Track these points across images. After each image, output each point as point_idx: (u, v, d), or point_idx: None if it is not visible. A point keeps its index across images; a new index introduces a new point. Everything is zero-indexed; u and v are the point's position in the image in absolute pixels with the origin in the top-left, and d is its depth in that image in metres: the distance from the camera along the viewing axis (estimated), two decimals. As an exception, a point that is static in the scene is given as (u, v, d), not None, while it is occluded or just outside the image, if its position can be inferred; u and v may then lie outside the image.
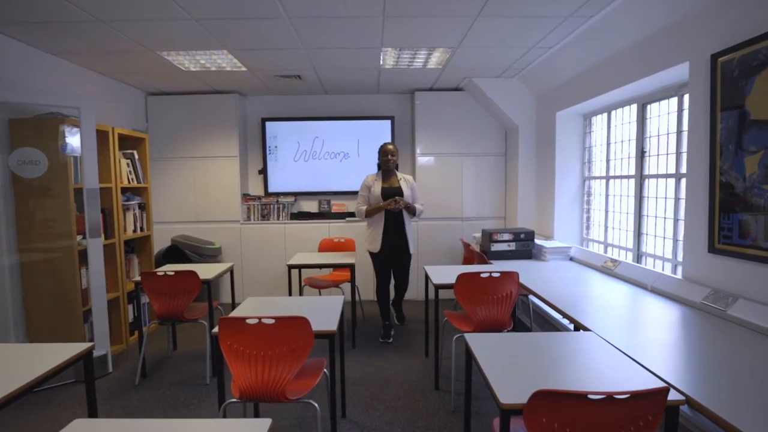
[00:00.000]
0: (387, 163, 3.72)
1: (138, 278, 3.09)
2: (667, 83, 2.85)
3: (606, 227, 3.70)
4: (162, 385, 3.04)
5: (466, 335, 1.85)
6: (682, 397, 1.34)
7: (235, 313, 2.22)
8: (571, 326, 3.04)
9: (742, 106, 2.04)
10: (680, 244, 2.83)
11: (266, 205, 4.98)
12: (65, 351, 1.72)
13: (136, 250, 4.07)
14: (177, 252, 4.50)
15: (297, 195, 5.10)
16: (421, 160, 4.91)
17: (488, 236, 3.65)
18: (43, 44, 3.25)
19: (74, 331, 3.19)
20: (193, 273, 2.99)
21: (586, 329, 1.99)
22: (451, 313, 2.99)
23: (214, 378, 3.10)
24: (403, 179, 3.77)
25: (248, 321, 1.84)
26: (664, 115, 3.02)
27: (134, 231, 3.95)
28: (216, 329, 1.95)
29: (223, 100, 4.85)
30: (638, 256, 3.25)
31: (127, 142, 3.92)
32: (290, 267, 3.57)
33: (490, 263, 3.47)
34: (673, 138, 2.88)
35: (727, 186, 2.14)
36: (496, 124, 4.90)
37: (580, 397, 1.25)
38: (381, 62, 3.90)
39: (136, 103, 4.68)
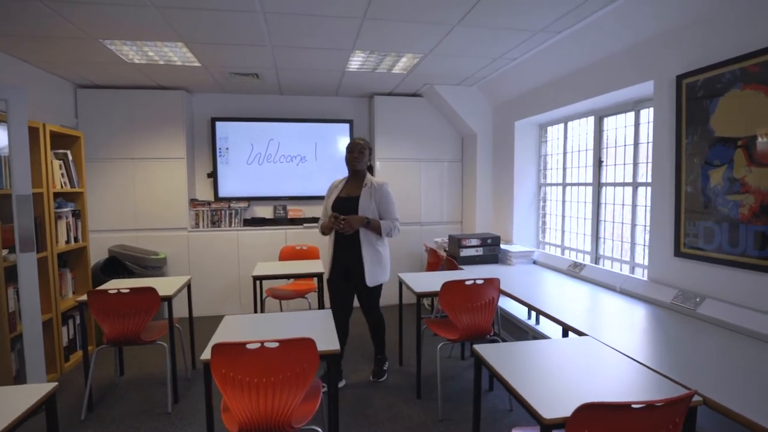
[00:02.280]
0: (349, 162, 3.01)
1: (84, 297, 2.70)
2: (625, 98, 3.08)
3: (563, 231, 3.92)
4: (114, 417, 2.68)
5: (478, 346, 1.83)
6: (699, 399, 1.42)
7: (222, 336, 2.02)
8: (540, 329, 3.17)
9: (706, 124, 2.25)
10: (638, 247, 3.07)
11: (217, 210, 4.64)
12: (21, 396, 1.44)
13: (69, 264, 3.57)
14: (117, 264, 4.03)
15: (250, 200, 4.81)
16: (381, 164, 4.86)
17: (457, 242, 3.70)
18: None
19: (-1, 362, 2.72)
20: (151, 290, 2.68)
21: (581, 334, 2.07)
22: (431, 320, 2.98)
23: (176, 405, 2.81)
24: (370, 186, 2.97)
25: (248, 346, 1.66)
26: (620, 128, 3.25)
27: (67, 242, 3.47)
28: (204, 356, 1.75)
29: (167, 97, 4.44)
30: (596, 259, 3.47)
31: (58, 141, 3.44)
32: (256, 278, 3.34)
33: (461, 269, 3.52)
34: (630, 149, 3.12)
35: (692, 195, 2.34)
36: (453, 131, 5.00)
37: (624, 408, 1.27)
38: (347, 65, 3.80)
39: (64, 96, 4.13)
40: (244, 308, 4.65)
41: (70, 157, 3.49)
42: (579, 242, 3.72)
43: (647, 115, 2.99)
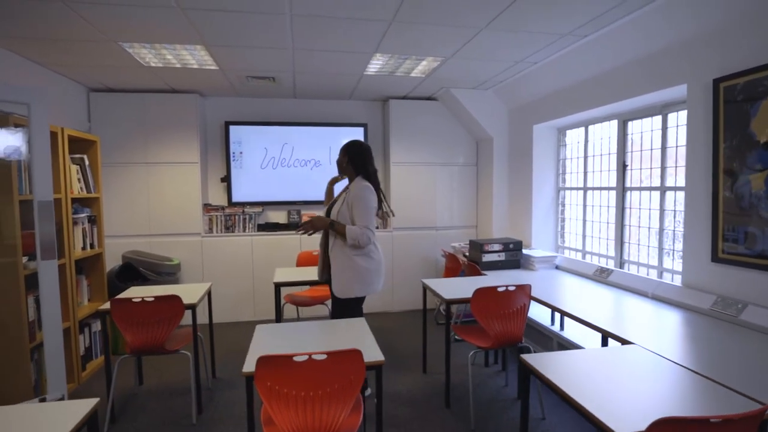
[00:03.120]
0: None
1: (106, 306, 2.63)
2: (651, 102, 3.05)
3: (584, 236, 3.89)
4: (138, 429, 2.61)
5: (527, 357, 1.79)
6: (771, 412, 1.38)
7: (259, 347, 1.96)
8: (565, 335, 3.12)
9: (746, 128, 2.22)
10: (666, 252, 3.03)
11: (231, 215, 4.58)
12: (65, 413, 1.38)
13: (84, 271, 3.50)
14: (131, 271, 3.96)
15: (264, 205, 4.75)
16: (396, 169, 4.82)
17: (479, 247, 3.66)
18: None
19: (17, 373, 2.65)
20: (176, 298, 2.62)
21: (625, 342, 2.03)
22: (459, 327, 2.92)
23: (200, 416, 2.74)
24: (347, 192, 2.75)
25: (296, 359, 1.61)
26: (644, 132, 3.22)
27: (83, 248, 3.40)
28: (247, 369, 1.70)
29: (181, 100, 4.38)
30: (621, 264, 3.43)
31: (75, 146, 3.38)
32: (277, 285, 3.27)
33: (485, 274, 3.47)
34: (657, 153, 3.09)
35: (731, 200, 2.31)
36: (468, 135, 4.97)
37: (703, 423, 1.23)
38: (366, 68, 3.76)
39: (77, 100, 4.06)
40: (258, 315, 4.58)
41: (87, 162, 3.43)
42: (601, 247, 3.68)
43: (675, 118, 2.96)
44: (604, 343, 2.29)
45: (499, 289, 2.61)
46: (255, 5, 2.50)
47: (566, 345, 3.25)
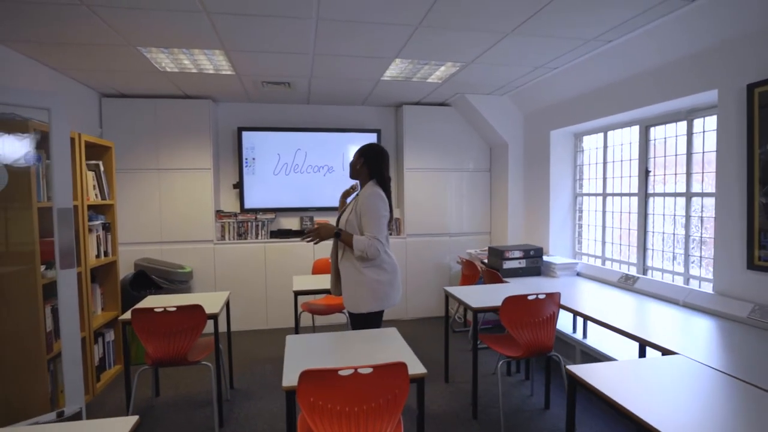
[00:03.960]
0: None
1: (127, 316, 2.56)
2: (676, 108, 3.03)
3: (603, 242, 3.85)
4: (159, 443, 2.54)
5: (574, 368, 1.73)
6: (841, 427, 1.33)
7: (295, 360, 1.89)
8: (589, 343, 3.03)
9: (784, 133, 2.19)
10: (692, 259, 2.99)
11: (243, 222, 4.52)
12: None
13: (98, 279, 3.43)
14: (144, 279, 3.88)
15: (277, 211, 4.70)
16: (409, 175, 4.78)
17: (499, 254, 3.61)
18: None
19: (34, 385, 2.57)
20: (198, 308, 2.55)
21: (668, 351, 1.98)
22: (487, 336, 2.87)
23: (222, 429, 2.66)
24: (356, 199, 2.54)
25: (341, 373, 1.55)
26: (669, 138, 3.20)
27: (97, 256, 3.33)
28: (287, 383, 1.64)
29: (193, 106, 4.33)
30: (644, 270, 3.39)
31: (89, 152, 3.31)
32: (297, 293, 3.21)
33: (507, 281, 3.42)
34: (681, 159, 3.06)
35: (767, 207, 2.27)
36: (481, 141, 4.94)
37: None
38: (384, 73, 3.72)
39: (89, 105, 4.01)
40: (270, 323, 4.51)
41: (102, 168, 3.37)
42: (622, 253, 3.64)
43: (702, 124, 2.94)
44: (642, 353, 2.24)
45: (530, 298, 2.56)
46: (282, 10, 2.46)
47: (590, 353, 3.20)
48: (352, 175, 2.62)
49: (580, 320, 3.42)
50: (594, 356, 3.15)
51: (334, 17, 2.57)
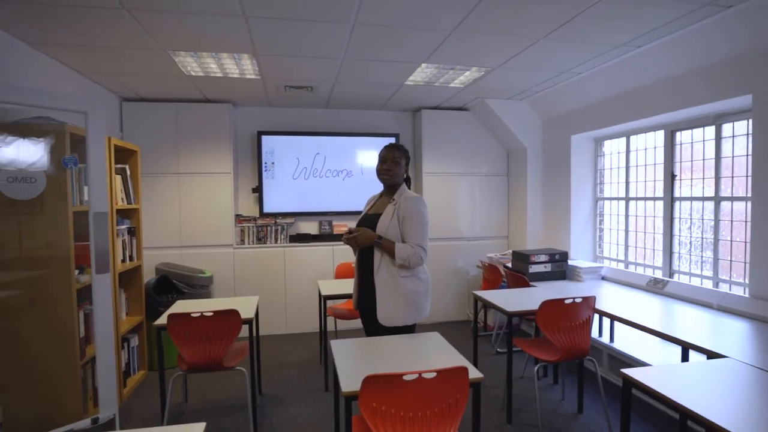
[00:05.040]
0: (380, 175, 2.42)
1: (162, 321, 2.54)
2: (703, 113, 3.05)
3: (626, 246, 3.86)
4: (195, 450, 2.50)
5: (631, 371, 1.73)
6: None
7: (348, 365, 1.88)
8: (616, 347, 2.98)
9: (824, 138, 2.21)
10: (721, 263, 3.01)
11: (263, 227, 4.50)
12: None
13: (123, 284, 3.40)
14: (166, 283, 3.85)
15: (296, 216, 4.68)
16: (427, 179, 4.78)
17: (525, 258, 3.61)
18: (20, 29, 2.59)
19: (68, 392, 2.53)
20: (234, 312, 2.54)
21: (715, 355, 1.98)
22: (522, 340, 2.86)
23: (257, 435, 2.64)
24: (396, 203, 2.35)
25: (406, 377, 1.54)
26: (696, 143, 3.22)
27: (122, 261, 3.31)
28: (348, 388, 1.62)
29: (214, 110, 4.32)
30: (671, 274, 3.40)
31: (116, 156, 3.29)
32: (326, 298, 3.19)
33: (534, 285, 3.42)
34: (708, 163, 3.08)
35: (807, 211, 2.29)
36: (498, 145, 4.96)
37: None
38: (408, 78, 3.73)
39: (111, 109, 3.99)
40: (290, 328, 4.48)
41: (128, 172, 3.35)
42: (645, 257, 3.65)
43: (731, 128, 2.96)
44: (685, 357, 2.25)
45: (567, 302, 2.56)
46: (321, 14, 2.46)
47: (618, 357, 3.21)
48: (387, 180, 2.41)
49: (606, 324, 3.42)
50: (622, 360, 3.15)
51: (373, 22, 2.57)
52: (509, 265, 3.95)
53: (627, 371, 1.76)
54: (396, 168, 2.37)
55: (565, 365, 3.32)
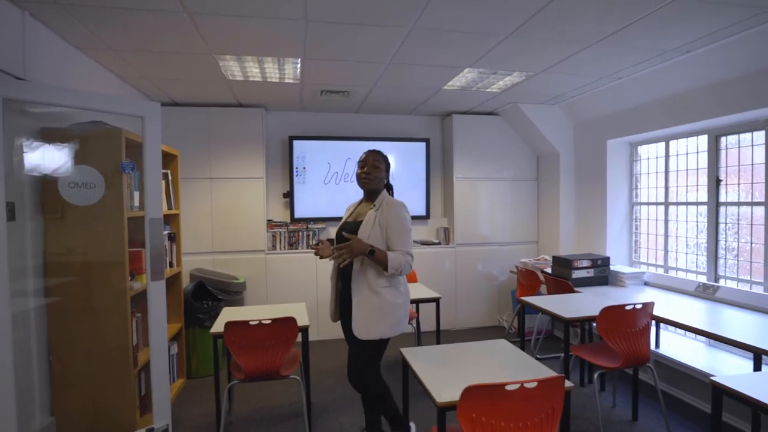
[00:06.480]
0: (359, 180, 2.34)
1: (219, 329, 2.50)
2: (751, 118, 3.04)
3: (666, 251, 3.84)
4: (252, 461, 2.46)
5: (721, 379, 1.70)
6: None
7: (431, 376, 1.84)
8: (663, 352, 2.94)
9: None
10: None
11: (294, 232, 4.46)
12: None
13: (164, 291, 3.35)
14: (202, 290, 3.81)
15: (327, 221, 4.65)
16: (459, 184, 4.76)
17: (568, 263, 3.58)
18: (70, 31, 2.54)
19: (120, 400, 2.49)
20: (291, 320, 2.50)
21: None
22: (578, 347, 2.83)
23: (313, 445, 2.59)
24: (378, 209, 2.25)
25: (508, 387, 1.50)
26: (742, 147, 3.21)
27: (164, 267, 3.25)
28: (444, 399, 1.59)
29: (246, 114, 4.30)
30: (716, 279, 3.38)
31: (159, 161, 3.26)
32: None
33: (579, 291, 3.39)
34: (757, 168, 3.06)
35: None
36: (527, 150, 4.94)
37: None
38: (447, 83, 3.71)
39: (145, 113, 3.95)
40: (321, 334, 4.43)
41: (170, 177, 3.31)
42: (688, 262, 3.63)
43: (782, 133, 2.95)
44: (757, 365, 2.22)
45: (627, 308, 2.54)
46: (381, 18, 2.44)
47: (663, 362, 3.17)
48: (367, 185, 2.32)
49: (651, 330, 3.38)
50: (670, 366, 3.12)
51: (431, 26, 2.55)
52: (548, 270, 3.92)
53: (717, 379, 1.73)
54: (375, 172, 2.30)
55: (617, 373, 3.28)
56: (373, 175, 2.29)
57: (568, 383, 1.70)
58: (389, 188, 2.43)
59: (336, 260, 2.16)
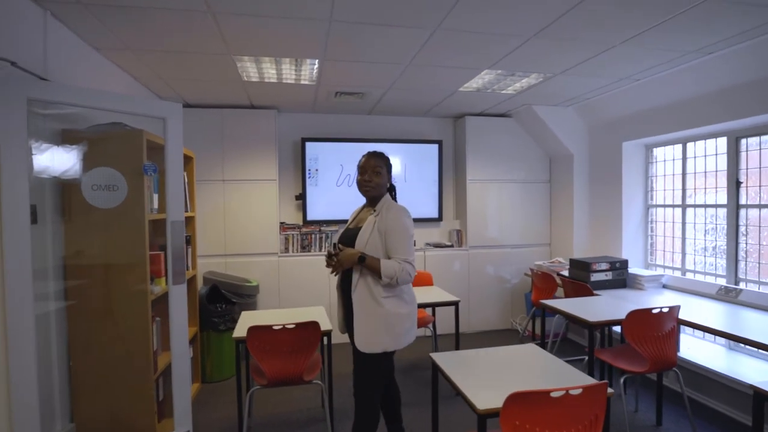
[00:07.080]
0: (360, 187, 2.26)
1: (242, 334, 2.46)
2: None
3: (683, 254, 3.81)
4: (275, 467, 2.42)
5: (762, 384, 1.67)
6: None
7: (470, 382, 1.81)
8: (682, 355, 2.92)
9: None
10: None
11: (307, 234, 4.43)
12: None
13: (180, 294, 3.31)
14: (215, 293, 3.77)
15: (340, 223, 4.62)
16: (471, 186, 4.73)
17: (586, 266, 3.56)
18: (90, 31, 2.50)
19: (140, 405, 2.44)
20: (314, 324, 2.47)
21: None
22: (603, 351, 2.80)
23: (336, 451, 2.55)
24: (378, 214, 2.16)
25: (553, 394, 1.47)
26: (761, 150, 3.18)
27: (180, 270, 3.21)
28: (484, 405, 1.55)
29: (259, 116, 4.27)
30: (736, 282, 3.35)
31: (175, 162, 3.22)
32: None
33: (598, 294, 3.36)
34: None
35: None
36: (540, 152, 4.92)
37: None
38: (464, 84, 3.68)
39: (158, 115, 3.92)
40: (336, 338, 4.38)
41: (185, 179, 3.28)
42: (706, 265, 3.60)
43: (806, 135, 2.93)
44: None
45: (653, 311, 2.51)
46: (406, 19, 2.41)
47: (685, 366, 3.14)
48: (369, 192, 2.22)
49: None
50: (692, 370, 3.09)
51: (455, 27, 2.52)
52: (564, 273, 3.89)
53: (759, 384, 1.70)
54: (377, 178, 2.18)
55: (639, 377, 3.25)
56: (375, 182, 2.18)
57: (609, 390, 1.67)
58: (392, 190, 2.32)
59: (333, 271, 2.13)
